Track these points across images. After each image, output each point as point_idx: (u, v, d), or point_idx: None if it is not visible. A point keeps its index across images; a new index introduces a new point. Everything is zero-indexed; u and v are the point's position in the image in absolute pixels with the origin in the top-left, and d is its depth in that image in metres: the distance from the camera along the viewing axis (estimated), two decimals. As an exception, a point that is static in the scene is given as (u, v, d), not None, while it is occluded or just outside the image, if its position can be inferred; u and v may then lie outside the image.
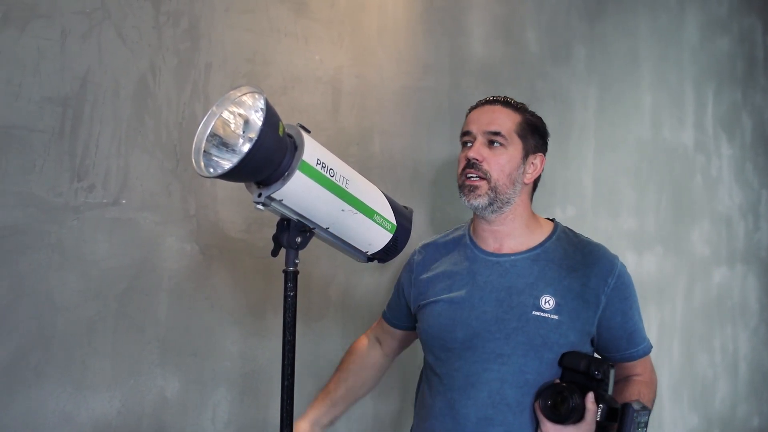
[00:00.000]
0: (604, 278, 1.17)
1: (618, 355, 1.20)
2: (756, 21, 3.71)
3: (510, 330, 1.14)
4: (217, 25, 1.61)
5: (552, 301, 1.15)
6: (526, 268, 1.19)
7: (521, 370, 1.12)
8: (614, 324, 1.18)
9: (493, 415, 1.12)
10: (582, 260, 1.19)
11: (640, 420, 1.06)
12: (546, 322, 1.13)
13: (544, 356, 1.12)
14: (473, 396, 1.14)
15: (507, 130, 1.21)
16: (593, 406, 1.06)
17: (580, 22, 2.56)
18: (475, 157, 1.18)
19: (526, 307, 1.15)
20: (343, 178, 0.96)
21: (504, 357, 1.13)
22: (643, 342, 1.22)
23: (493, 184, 1.18)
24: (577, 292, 1.16)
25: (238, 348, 1.63)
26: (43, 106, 1.37)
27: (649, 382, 1.21)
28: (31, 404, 1.34)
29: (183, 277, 1.54)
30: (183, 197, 1.55)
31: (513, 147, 1.21)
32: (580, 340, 1.15)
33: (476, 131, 1.21)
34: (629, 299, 1.20)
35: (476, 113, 1.26)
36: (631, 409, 1.06)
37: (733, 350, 3.41)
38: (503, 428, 1.12)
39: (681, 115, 3.10)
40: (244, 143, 0.89)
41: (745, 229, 3.54)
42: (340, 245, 1.06)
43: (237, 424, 1.62)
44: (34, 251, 1.35)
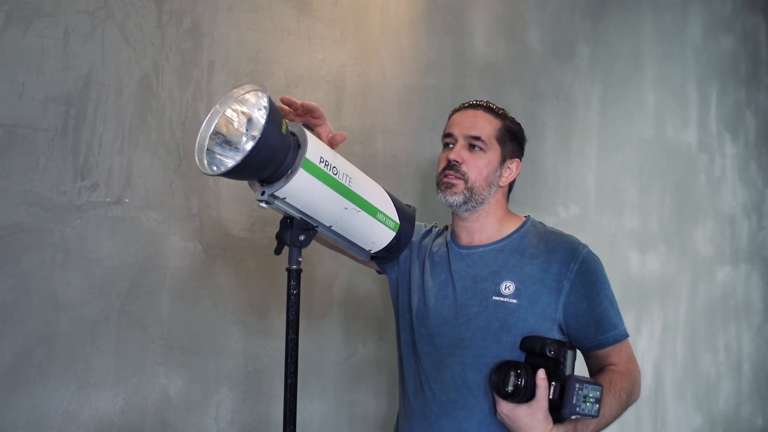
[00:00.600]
0: (566, 264, 1.19)
1: (587, 342, 1.20)
2: (760, 20, 3.70)
3: (471, 315, 1.18)
4: (219, 24, 1.61)
5: (512, 286, 1.18)
6: (491, 258, 1.24)
7: (480, 354, 1.15)
8: (580, 310, 1.18)
9: (456, 397, 1.17)
10: (545, 248, 1.22)
11: (587, 393, 1.05)
12: (505, 306, 1.16)
13: (502, 339, 1.15)
14: (439, 379, 1.19)
15: (487, 135, 1.25)
16: (543, 382, 1.07)
17: (583, 21, 2.56)
18: (456, 159, 1.23)
19: (487, 293, 1.19)
20: (347, 176, 0.96)
21: (465, 341, 1.18)
22: (613, 329, 1.20)
23: (470, 185, 1.24)
24: (538, 277, 1.18)
25: (241, 347, 1.63)
26: (47, 105, 1.37)
27: (624, 372, 1.20)
28: (35, 402, 1.34)
29: (186, 276, 1.55)
30: (186, 196, 1.55)
31: (492, 152, 1.26)
32: (542, 325, 1.16)
33: (458, 134, 1.26)
34: (596, 285, 1.20)
35: (459, 116, 1.29)
36: (573, 379, 1.05)
37: (737, 350, 3.40)
38: (465, 411, 1.15)
39: (684, 114, 3.09)
40: (248, 141, 0.88)
41: (749, 228, 3.53)
42: (344, 243, 1.06)
43: (240, 423, 1.62)
44: (37, 250, 1.35)
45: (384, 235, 1.07)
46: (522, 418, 1.07)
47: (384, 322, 1.90)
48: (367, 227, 1.03)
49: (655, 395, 2.86)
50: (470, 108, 1.30)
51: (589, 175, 2.55)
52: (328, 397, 1.78)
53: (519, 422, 1.07)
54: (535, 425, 1.06)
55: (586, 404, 1.05)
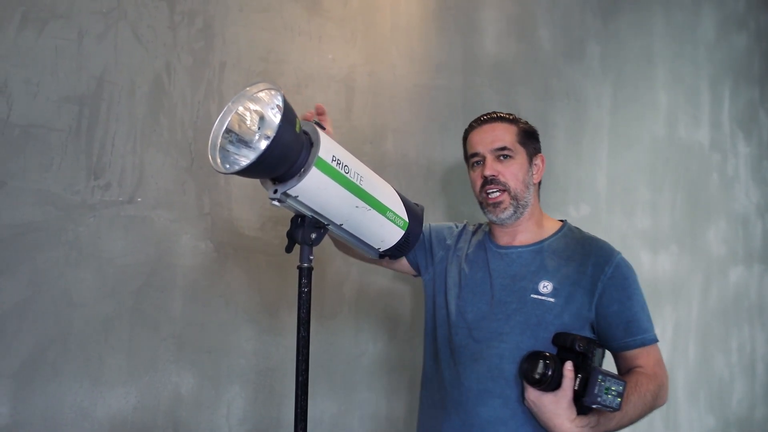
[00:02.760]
0: (602, 267, 1.25)
1: (615, 343, 1.25)
2: (773, 17, 3.66)
3: (510, 311, 1.25)
4: (231, 25, 1.62)
5: (549, 285, 1.25)
6: (529, 259, 1.31)
7: (518, 347, 1.22)
8: (611, 312, 1.24)
9: (493, 387, 1.23)
10: (581, 251, 1.29)
11: (609, 386, 1.09)
12: (542, 304, 1.23)
13: (539, 335, 1.22)
14: (476, 370, 1.25)
15: (510, 142, 1.33)
16: (570, 373, 1.12)
17: (594, 20, 2.54)
18: (492, 174, 1.30)
19: (526, 291, 1.26)
20: (358, 175, 0.97)
21: (504, 335, 1.24)
22: (642, 333, 1.25)
23: (513, 193, 1.31)
24: (574, 279, 1.25)
25: (252, 345, 1.63)
26: (61, 105, 1.38)
27: (651, 375, 1.23)
28: (49, 399, 1.35)
29: (198, 275, 1.55)
30: (197, 195, 1.56)
31: (519, 155, 1.34)
32: (575, 323, 1.23)
33: (483, 151, 1.33)
34: (628, 290, 1.25)
35: (477, 135, 1.36)
36: (597, 371, 1.10)
37: (751, 351, 3.36)
38: (501, 400, 1.22)
39: (697, 113, 3.06)
40: (261, 139, 0.89)
41: (763, 228, 3.49)
42: (353, 242, 1.06)
43: (251, 421, 1.62)
44: (51, 248, 1.37)
45: (393, 233, 1.07)
46: (547, 404, 1.13)
47: (395, 322, 1.90)
48: (377, 225, 1.03)
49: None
50: (484, 123, 1.37)
51: (600, 174, 2.54)
52: (338, 396, 1.78)
53: (544, 408, 1.13)
54: (559, 413, 1.12)
55: (607, 396, 1.09)
